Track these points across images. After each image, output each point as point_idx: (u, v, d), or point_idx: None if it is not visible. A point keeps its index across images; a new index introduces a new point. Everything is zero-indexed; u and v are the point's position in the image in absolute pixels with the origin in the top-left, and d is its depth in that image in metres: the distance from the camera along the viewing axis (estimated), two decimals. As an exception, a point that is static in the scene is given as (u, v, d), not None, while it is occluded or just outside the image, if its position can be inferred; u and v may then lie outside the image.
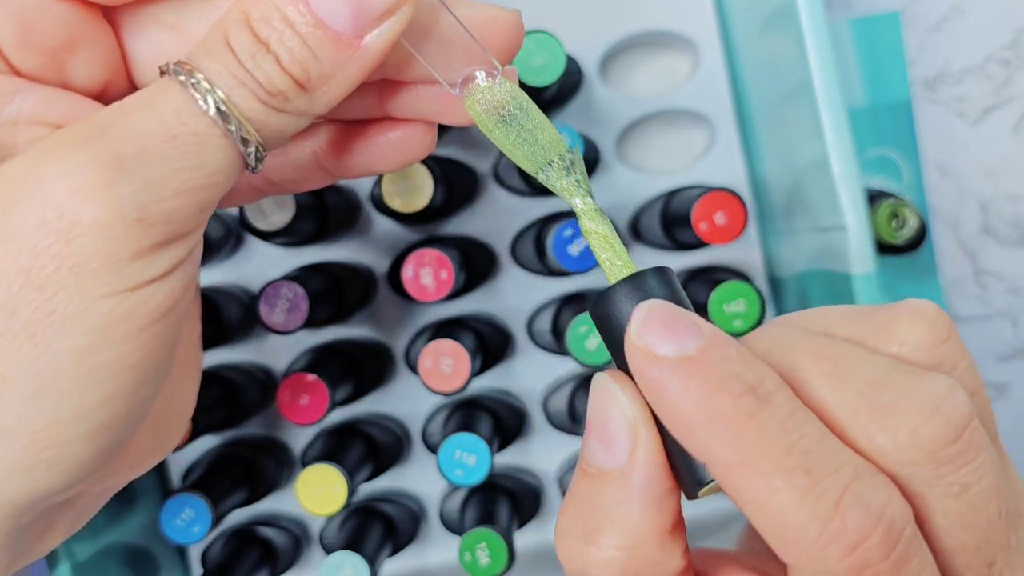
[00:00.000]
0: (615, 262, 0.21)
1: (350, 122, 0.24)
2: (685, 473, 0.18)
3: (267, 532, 0.41)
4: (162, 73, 0.19)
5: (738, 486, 0.16)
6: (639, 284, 0.19)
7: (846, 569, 0.16)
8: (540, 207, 0.41)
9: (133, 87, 0.22)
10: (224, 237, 0.39)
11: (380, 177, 0.34)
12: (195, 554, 0.42)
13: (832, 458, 0.16)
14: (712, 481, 0.18)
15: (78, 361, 0.18)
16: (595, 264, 0.35)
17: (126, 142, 0.18)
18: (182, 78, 0.19)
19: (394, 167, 0.24)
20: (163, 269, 0.19)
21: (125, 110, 0.19)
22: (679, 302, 0.19)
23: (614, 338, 0.19)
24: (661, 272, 0.20)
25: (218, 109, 0.19)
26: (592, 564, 0.18)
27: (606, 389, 0.19)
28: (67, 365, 0.18)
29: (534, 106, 0.22)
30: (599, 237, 0.21)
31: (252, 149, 0.19)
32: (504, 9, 0.21)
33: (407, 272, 0.34)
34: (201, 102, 0.18)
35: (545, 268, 0.38)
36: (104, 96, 0.22)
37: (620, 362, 0.19)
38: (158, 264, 0.19)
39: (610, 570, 0.18)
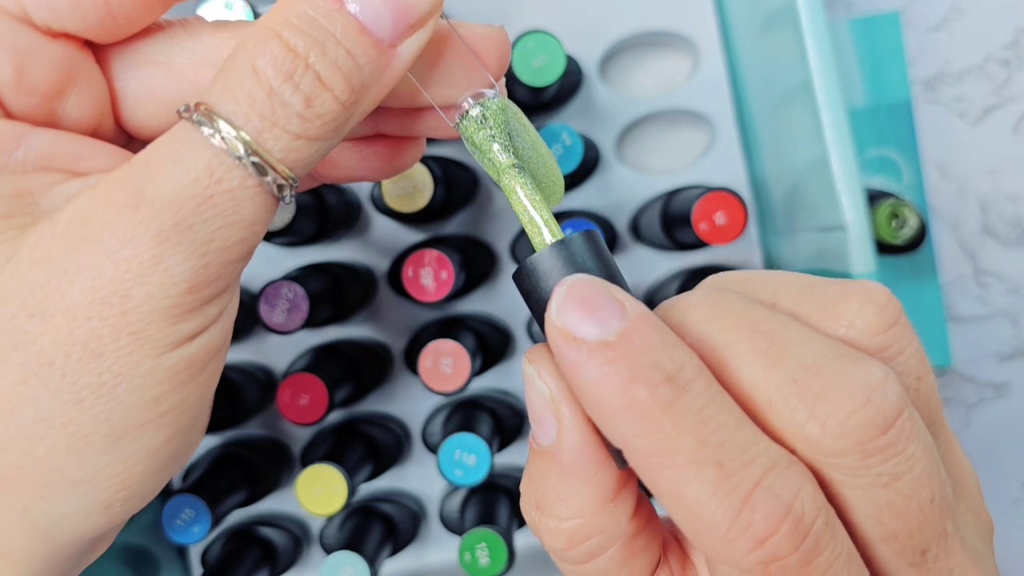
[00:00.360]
0: (538, 226, 0.19)
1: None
2: (613, 449, 0.18)
3: (267, 532, 0.41)
4: (180, 117, 0.19)
5: (653, 477, 0.17)
6: (565, 251, 0.18)
7: (754, 562, 0.16)
8: (540, 207, 0.41)
9: (120, 126, 0.22)
10: (224, 237, 0.39)
11: (380, 177, 0.34)
12: (195, 554, 0.42)
13: (746, 450, 0.16)
14: None
15: (149, 410, 0.19)
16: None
17: (165, 212, 0.18)
18: (206, 129, 0.18)
19: (381, 177, 0.24)
20: (215, 316, 0.19)
21: (155, 171, 0.18)
22: (608, 271, 0.18)
23: (538, 311, 0.18)
24: (589, 237, 0.19)
25: (252, 162, 0.18)
26: (542, 532, 0.19)
27: (525, 373, 0.19)
28: (138, 415, 0.19)
29: (531, 127, 0.21)
30: (522, 197, 0.20)
31: (287, 191, 0.19)
32: (491, 27, 0.21)
33: (407, 272, 0.34)
34: (233, 155, 0.18)
35: (545, 268, 0.38)
36: (95, 135, 0.21)
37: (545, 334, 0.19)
38: (210, 314, 0.19)
39: (557, 538, 0.19)
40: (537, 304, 0.19)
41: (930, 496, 0.17)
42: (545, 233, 0.19)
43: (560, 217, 0.36)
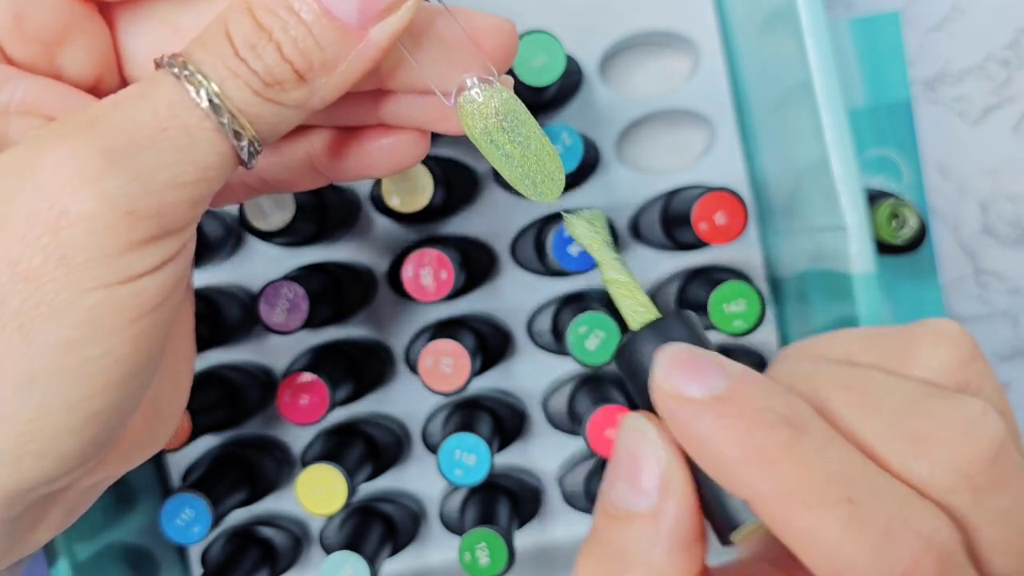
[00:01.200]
0: (636, 308, 0.20)
1: (344, 127, 0.24)
2: (719, 517, 0.18)
3: (267, 532, 0.41)
4: (157, 66, 0.19)
5: (783, 521, 0.16)
6: (662, 329, 0.19)
7: None
8: (540, 207, 0.41)
9: (124, 83, 0.22)
10: (224, 237, 0.39)
11: (380, 177, 0.34)
12: (195, 554, 0.42)
13: (875, 485, 0.16)
14: (746, 523, 0.17)
15: (67, 353, 0.18)
16: (595, 264, 0.35)
17: (117, 134, 0.18)
18: (175, 71, 0.19)
19: (386, 172, 0.24)
20: (154, 263, 0.19)
21: (118, 102, 0.19)
22: (702, 345, 0.19)
23: (640, 384, 0.19)
24: (682, 316, 0.20)
25: (210, 102, 0.18)
26: None
27: (639, 429, 0.18)
28: (55, 357, 0.18)
29: (531, 119, 0.22)
30: (620, 286, 0.21)
31: (245, 143, 0.19)
32: (499, 17, 0.22)
33: (407, 272, 0.34)
34: (194, 94, 0.18)
35: (545, 268, 0.38)
36: (96, 90, 0.22)
37: (648, 408, 0.19)
38: (149, 258, 0.18)
39: None
40: (638, 378, 0.19)
41: None
42: (642, 312, 0.20)
43: (560, 217, 0.36)
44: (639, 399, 0.19)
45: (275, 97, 0.19)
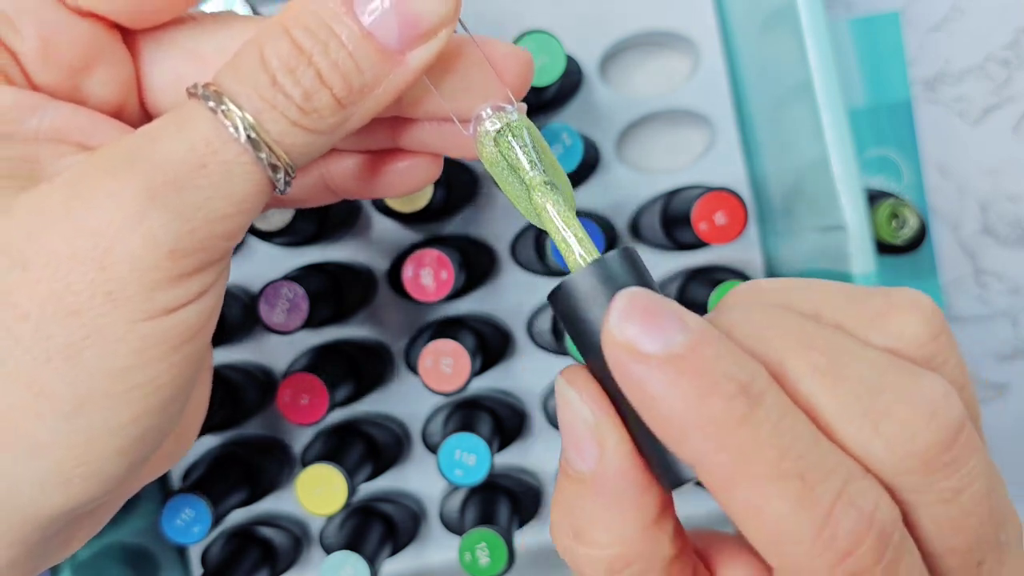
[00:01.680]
0: (573, 245, 0.19)
1: (361, 152, 0.24)
2: (661, 469, 0.17)
3: (267, 532, 0.41)
4: (190, 95, 0.19)
5: (730, 493, 0.16)
6: (606, 270, 0.18)
7: (843, 573, 0.15)
8: (540, 207, 0.41)
9: (145, 109, 0.22)
10: (224, 237, 0.39)
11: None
12: (195, 554, 0.42)
13: (824, 462, 0.16)
14: (692, 479, 0.17)
15: (116, 381, 0.18)
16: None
17: (158, 172, 0.18)
18: (211, 104, 0.18)
19: (399, 194, 0.24)
20: (195, 294, 0.19)
21: (154, 136, 0.19)
22: (649, 288, 0.18)
23: (579, 330, 0.18)
24: (627, 255, 0.18)
25: (248, 137, 0.18)
26: (580, 561, 0.18)
27: (563, 396, 0.18)
28: (105, 384, 0.18)
29: (548, 148, 0.21)
30: (555, 216, 0.19)
31: (281, 174, 0.19)
32: (516, 46, 0.22)
33: (407, 272, 0.34)
34: (231, 129, 0.18)
35: (545, 268, 0.38)
36: (119, 115, 0.22)
37: (586, 353, 0.18)
38: (190, 289, 0.19)
39: (597, 568, 0.18)
40: (578, 324, 0.18)
41: (988, 509, 0.17)
42: (579, 251, 0.19)
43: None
44: (579, 347, 0.18)
45: (311, 125, 0.19)
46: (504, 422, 0.40)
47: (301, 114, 0.19)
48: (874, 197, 0.44)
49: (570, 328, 0.18)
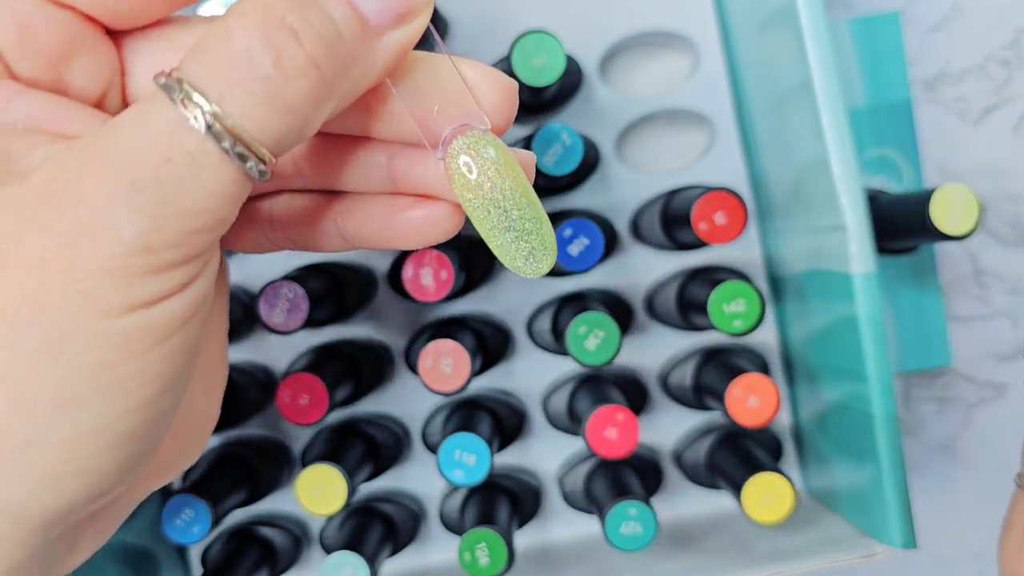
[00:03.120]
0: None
1: (369, 196, 0.23)
2: None
3: (267, 532, 0.41)
4: (156, 84, 0.19)
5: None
6: None
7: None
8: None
9: (126, 101, 0.22)
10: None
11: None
12: (195, 554, 0.42)
13: None
14: None
15: (99, 374, 0.18)
16: (595, 263, 0.35)
17: (122, 171, 0.18)
18: (173, 94, 0.18)
19: (415, 245, 0.23)
20: (178, 285, 0.19)
21: (119, 130, 0.18)
22: None
23: None
24: None
25: (209, 127, 0.18)
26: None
27: None
28: (87, 378, 0.18)
29: (525, 180, 0.20)
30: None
31: (252, 163, 0.18)
32: (499, 72, 0.21)
33: (407, 272, 0.34)
34: (192, 120, 0.18)
35: (545, 268, 0.38)
36: (101, 105, 0.22)
37: None
38: (171, 281, 0.18)
39: None
40: None
41: None
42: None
43: (560, 217, 0.36)
44: None
45: (281, 101, 0.18)
46: (504, 422, 0.40)
47: (268, 86, 0.18)
48: (873, 197, 0.44)
49: None
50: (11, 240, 0.18)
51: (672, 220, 0.37)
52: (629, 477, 0.37)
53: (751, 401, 0.34)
